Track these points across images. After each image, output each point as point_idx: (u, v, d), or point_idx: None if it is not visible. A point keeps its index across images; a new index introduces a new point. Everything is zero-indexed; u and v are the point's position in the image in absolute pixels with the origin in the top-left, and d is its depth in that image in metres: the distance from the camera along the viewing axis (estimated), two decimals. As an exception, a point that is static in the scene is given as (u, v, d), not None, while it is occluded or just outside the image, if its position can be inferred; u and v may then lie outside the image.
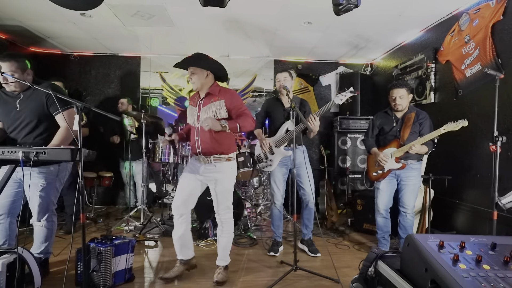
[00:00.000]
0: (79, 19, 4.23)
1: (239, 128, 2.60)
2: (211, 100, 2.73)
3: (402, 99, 3.23)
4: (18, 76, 2.52)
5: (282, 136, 3.36)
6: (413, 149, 3.06)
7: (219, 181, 2.73)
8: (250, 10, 3.95)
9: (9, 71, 2.49)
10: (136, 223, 4.29)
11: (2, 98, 2.65)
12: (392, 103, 3.27)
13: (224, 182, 2.75)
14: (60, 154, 2.07)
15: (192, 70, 2.70)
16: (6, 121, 2.65)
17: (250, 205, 4.75)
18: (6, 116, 2.63)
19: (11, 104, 2.61)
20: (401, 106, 3.25)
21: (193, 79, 2.71)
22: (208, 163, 2.71)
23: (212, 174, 2.72)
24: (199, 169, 2.74)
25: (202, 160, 2.72)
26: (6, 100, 2.63)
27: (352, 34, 4.73)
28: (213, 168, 2.72)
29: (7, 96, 2.64)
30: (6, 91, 2.63)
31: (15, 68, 2.52)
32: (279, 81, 3.40)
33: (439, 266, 1.37)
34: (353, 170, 5.29)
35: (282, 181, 3.48)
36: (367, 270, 1.83)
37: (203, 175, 2.74)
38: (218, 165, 2.72)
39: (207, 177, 2.74)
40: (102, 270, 2.52)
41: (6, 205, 2.58)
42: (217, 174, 2.72)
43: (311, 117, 3.11)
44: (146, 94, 5.93)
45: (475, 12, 3.46)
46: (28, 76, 2.61)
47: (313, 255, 3.46)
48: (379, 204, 3.39)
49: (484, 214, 3.25)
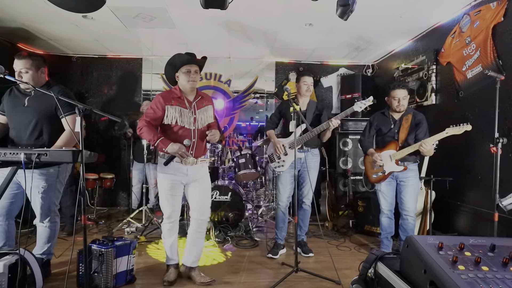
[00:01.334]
0: (81, 21, 4.26)
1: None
2: (203, 103, 2.79)
3: (404, 100, 3.23)
4: (32, 73, 2.59)
5: (298, 138, 3.29)
6: (424, 147, 3.02)
7: (204, 180, 2.83)
8: (251, 12, 3.96)
9: (24, 68, 2.57)
10: (137, 224, 4.30)
11: (14, 94, 2.70)
12: (395, 104, 3.26)
13: (208, 181, 2.88)
14: (61, 156, 2.08)
15: (196, 69, 2.70)
16: (10, 116, 2.67)
17: (252, 206, 4.76)
18: (12, 110, 2.66)
19: (20, 100, 2.65)
20: (404, 107, 3.25)
21: (196, 79, 2.69)
22: (195, 164, 2.74)
23: (198, 175, 2.78)
24: (187, 171, 2.72)
25: (190, 162, 2.70)
26: (17, 96, 2.68)
27: (353, 36, 4.74)
28: (199, 169, 2.79)
29: (18, 92, 2.69)
30: (20, 87, 2.69)
31: (30, 65, 2.58)
32: (307, 84, 3.41)
33: (438, 268, 1.37)
34: (354, 171, 5.29)
35: (289, 183, 3.43)
36: (366, 272, 1.83)
37: (190, 176, 2.74)
38: (204, 165, 2.86)
39: (192, 178, 2.75)
40: (103, 272, 2.53)
41: (4, 207, 2.59)
42: (203, 174, 2.83)
43: (333, 120, 3.16)
44: (147, 96, 5.95)
45: (476, 13, 3.46)
46: (42, 75, 2.69)
47: (305, 255, 3.48)
48: (383, 205, 3.39)
49: (486, 215, 3.24)
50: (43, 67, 2.68)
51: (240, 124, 6.14)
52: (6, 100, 2.70)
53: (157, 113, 2.63)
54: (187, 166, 2.70)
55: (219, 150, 4.52)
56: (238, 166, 4.12)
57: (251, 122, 6.14)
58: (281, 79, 6.12)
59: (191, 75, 2.65)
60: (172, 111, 2.64)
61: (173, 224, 2.79)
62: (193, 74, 2.66)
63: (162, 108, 2.63)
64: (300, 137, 3.25)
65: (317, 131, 3.21)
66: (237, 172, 4.12)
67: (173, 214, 2.76)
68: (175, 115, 2.64)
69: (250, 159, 4.15)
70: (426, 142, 3.02)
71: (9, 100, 2.69)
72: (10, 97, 2.69)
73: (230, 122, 6.08)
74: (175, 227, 2.81)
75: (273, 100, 6.16)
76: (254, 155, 4.29)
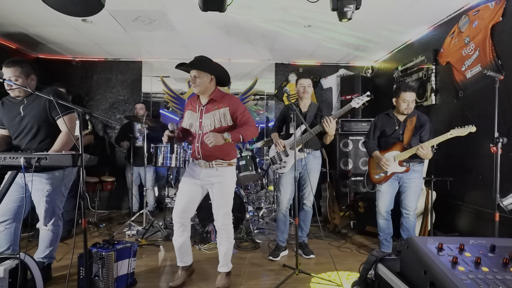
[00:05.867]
0: (81, 25, 4.27)
1: (242, 139, 2.58)
2: (214, 107, 2.67)
3: (413, 103, 3.22)
4: (21, 81, 2.56)
5: (298, 138, 3.29)
6: (421, 151, 3.01)
7: (221, 184, 2.69)
8: (250, 14, 3.97)
9: (13, 76, 2.53)
10: (138, 227, 4.30)
11: (7, 105, 2.69)
12: (403, 106, 3.20)
13: (226, 186, 2.72)
14: (61, 160, 2.08)
15: (196, 74, 2.61)
16: (10, 127, 2.68)
17: (253, 208, 4.76)
18: (11, 122, 2.66)
19: (15, 110, 2.64)
20: (411, 110, 3.23)
21: (197, 83, 2.61)
22: (210, 167, 2.68)
23: (213, 178, 2.69)
24: (200, 174, 2.70)
25: (203, 165, 2.68)
26: (11, 107, 2.67)
27: (352, 37, 4.74)
28: (214, 172, 2.69)
29: (11, 103, 2.68)
30: (11, 97, 2.67)
31: (19, 73, 2.56)
32: (303, 86, 3.41)
33: (438, 269, 1.37)
34: (355, 172, 5.28)
35: (290, 185, 3.41)
36: (367, 273, 1.83)
37: (204, 179, 2.70)
38: (220, 169, 2.70)
39: (208, 181, 2.70)
40: (104, 275, 2.52)
41: (12, 211, 2.60)
42: (219, 178, 2.69)
43: (326, 118, 3.11)
44: (147, 98, 5.96)
45: (475, 13, 3.46)
46: (32, 82, 2.65)
47: (306, 257, 3.48)
48: (380, 206, 3.38)
49: (486, 215, 3.23)
50: (32, 74, 2.65)
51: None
52: (1, 113, 2.69)
53: (183, 117, 2.80)
54: (201, 169, 2.70)
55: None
56: (239, 168, 4.12)
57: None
58: (281, 81, 6.12)
59: (192, 80, 2.66)
60: (187, 115, 2.78)
61: (180, 226, 2.73)
62: (192, 80, 2.65)
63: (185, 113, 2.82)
64: (300, 138, 3.24)
65: (315, 131, 3.20)
66: (238, 174, 4.12)
67: (183, 214, 2.72)
68: (188, 119, 2.76)
69: (250, 161, 4.15)
70: (424, 146, 3.02)
71: (4, 112, 2.68)
72: (4, 109, 2.69)
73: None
74: (182, 229, 2.74)
75: (273, 102, 6.16)
76: (255, 157, 4.29)
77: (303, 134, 3.27)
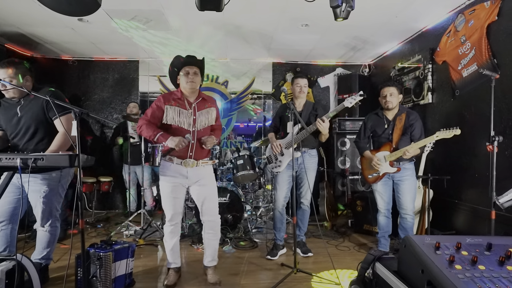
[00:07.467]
0: (77, 24, 4.26)
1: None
2: (205, 105, 2.77)
3: (392, 96, 3.24)
4: (16, 82, 2.53)
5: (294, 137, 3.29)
6: (407, 155, 3.07)
7: (206, 181, 2.78)
8: (247, 14, 3.97)
9: (7, 77, 2.50)
10: (136, 227, 4.29)
11: (4, 106, 2.67)
12: (383, 101, 3.28)
13: (211, 182, 2.83)
14: (58, 160, 2.07)
15: (196, 71, 2.68)
16: (8, 128, 2.66)
17: (250, 207, 4.76)
18: (8, 123, 2.64)
19: (12, 111, 2.62)
20: (392, 104, 3.25)
21: (195, 80, 2.67)
22: (196, 166, 2.71)
23: (200, 177, 2.75)
24: (187, 173, 2.70)
25: (190, 164, 2.68)
26: (8, 108, 2.65)
27: (349, 36, 4.75)
28: (202, 171, 2.75)
29: (8, 104, 2.66)
30: (7, 99, 2.65)
31: (14, 74, 2.52)
32: (299, 85, 3.43)
33: (435, 267, 1.38)
34: (353, 171, 5.29)
35: (286, 183, 3.43)
36: (365, 272, 1.84)
37: (191, 179, 2.72)
38: (206, 167, 2.80)
39: (193, 180, 2.73)
40: (102, 276, 2.51)
41: (8, 212, 2.59)
42: (207, 176, 2.79)
43: (318, 119, 3.13)
44: (144, 98, 5.95)
45: (471, 13, 3.48)
46: (27, 82, 2.62)
47: (304, 255, 3.49)
48: (380, 205, 3.40)
49: (483, 213, 3.25)
50: (28, 75, 2.62)
51: (238, 125, 6.14)
52: None
53: (156, 113, 2.66)
54: (187, 169, 2.69)
55: (217, 152, 4.51)
56: (236, 168, 4.12)
57: (248, 123, 6.14)
58: (278, 80, 6.12)
59: (190, 76, 2.65)
60: (171, 111, 2.67)
61: (175, 226, 2.78)
62: (191, 75, 2.66)
63: (161, 108, 2.66)
64: (295, 136, 3.24)
65: (310, 130, 3.21)
66: (235, 174, 4.12)
67: (174, 216, 2.74)
68: (174, 115, 2.66)
69: (248, 160, 4.15)
70: (409, 150, 3.06)
71: (1, 114, 2.66)
72: (1, 110, 2.67)
73: (227, 123, 6.08)
74: (176, 229, 2.80)
75: (271, 101, 6.16)
76: (252, 156, 4.29)
77: (298, 132, 3.29)
